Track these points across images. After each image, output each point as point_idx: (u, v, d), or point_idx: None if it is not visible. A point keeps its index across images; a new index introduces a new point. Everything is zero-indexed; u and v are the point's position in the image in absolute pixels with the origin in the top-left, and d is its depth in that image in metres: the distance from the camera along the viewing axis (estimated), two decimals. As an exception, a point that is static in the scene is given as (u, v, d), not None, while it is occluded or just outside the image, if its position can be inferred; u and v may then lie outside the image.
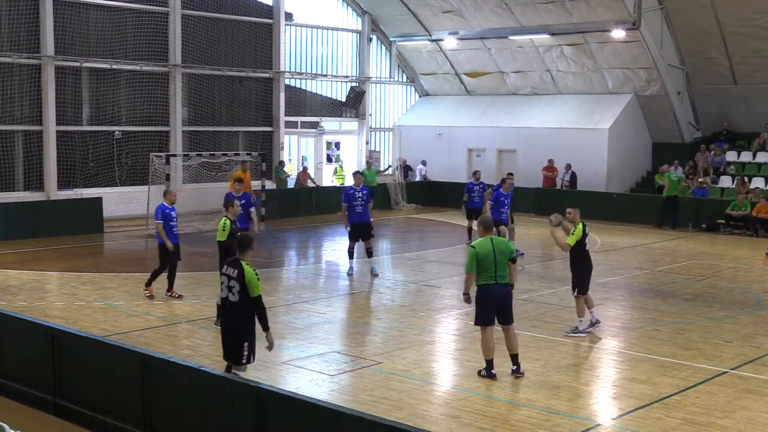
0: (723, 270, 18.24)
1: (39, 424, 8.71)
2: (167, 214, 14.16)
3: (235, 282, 8.44)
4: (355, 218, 16.85)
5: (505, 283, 10.15)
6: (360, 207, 16.84)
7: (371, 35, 33.23)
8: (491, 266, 9.99)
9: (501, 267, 10.07)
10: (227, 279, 8.54)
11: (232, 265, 8.56)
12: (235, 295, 8.47)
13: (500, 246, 10.15)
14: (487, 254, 10.00)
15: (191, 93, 27.43)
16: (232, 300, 8.51)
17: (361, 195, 16.89)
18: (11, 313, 10.39)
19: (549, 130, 29.70)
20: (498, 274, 10.04)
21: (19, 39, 23.24)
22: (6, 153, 23.30)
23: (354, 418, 6.48)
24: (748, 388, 9.99)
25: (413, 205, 30.40)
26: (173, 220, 14.21)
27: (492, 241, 10.12)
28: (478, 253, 10.02)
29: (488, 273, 10.01)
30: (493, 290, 10.04)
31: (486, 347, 10.16)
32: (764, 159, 27.85)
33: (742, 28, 26.24)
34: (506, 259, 10.12)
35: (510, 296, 10.28)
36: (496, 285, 10.05)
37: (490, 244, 10.09)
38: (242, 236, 9.05)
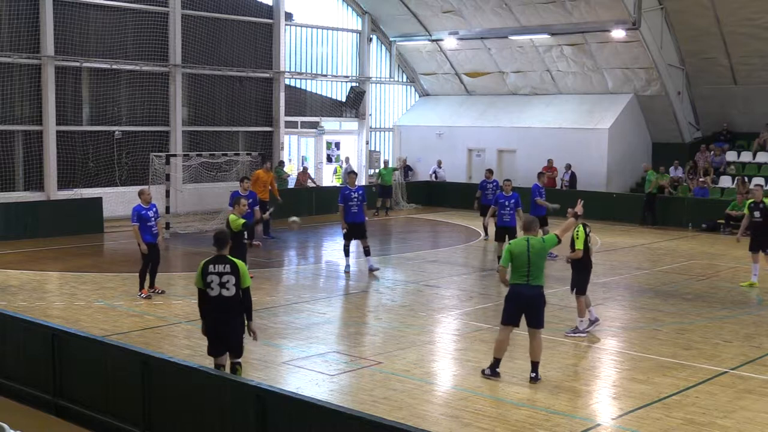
0: (723, 270, 18.24)
1: (39, 424, 8.71)
2: (143, 215, 14.18)
3: (229, 276, 8.59)
4: (350, 218, 16.96)
5: (537, 285, 9.95)
6: (356, 207, 16.94)
7: (371, 35, 33.23)
8: (524, 266, 9.87)
9: (535, 268, 9.90)
10: (218, 276, 8.61)
11: (219, 261, 8.68)
12: (230, 289, 8.61)
13: (536, 247, 9.96)
14: (520, 253, 9.89)
15: (191, 93, 27.44)
16: (226, 295, 8.62)
17: (357, 195, 16.98)
18: (11, 313, 10.39)
19: (549, 130, 29.70)
20: (531, 275, 9.89)
21: (19, 39, 23.24)
22: (6, 153, 23.31)
23: (354, 418, 6.48)
24: (748, 388, 9.99)
25: (413, 205, 30.40)
26: (150, 220, 14.22)
27: (528, 242, 9.98)
28: (512, 249, 9.95)
29: (520, 272, 9.90)
30: (522, 291, 9.92)
31: (498, 345, 10.09)
32: (764, 159, 27.86)
33: (742, 28, 26.24)
34: (541, 260, 9.97)
35: (542, 299, 10.05)
36: (526, 286, 9.91)
37: (526, 244, 9.96)
38: (220, 232, 9.18)
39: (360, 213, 16.99)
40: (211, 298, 8.68)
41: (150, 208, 14.35)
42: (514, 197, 17.66)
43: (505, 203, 17.62)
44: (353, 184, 17.37)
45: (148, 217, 14.21)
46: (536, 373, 10.00)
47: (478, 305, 14.58)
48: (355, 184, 17.45)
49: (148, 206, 14.35)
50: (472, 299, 15.07)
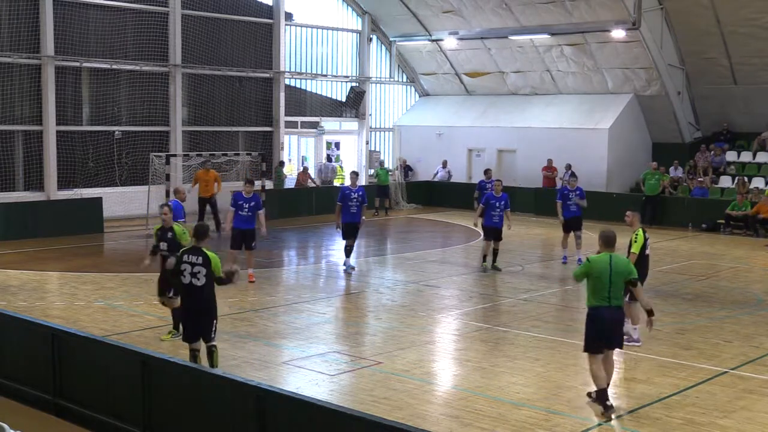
0: (723, 270, 18.24)
1: (39, 424, 8.71)
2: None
3: (200, 267, 9.19)
4: (348, 218, 16.91)
5: (618, 306, 9.08)
6: (354, 207, 16.86)
7: (371, 35, 33.23)
8: (605, 287, 8.94)
9: (615, 288, 8.98)
10: (191, 266, 9.21)
11: (194, 252, 9.28)
12: (200, 279, 9.20)
13: (619, 266, 9.02)
14: (601, 273, 8.95)
15: (191, 93, 27.43)
16: (197, 285, 9.22)
17: (357, 196, 16.88)
18: (11, 313, 10.39)
19: (549, 130, 29.70)
20: (612, 296, 8.98)
21: (19, 39, 23.24)
22: (6, 153, 23.30)
23: (354, 418, 6.48)
24: (748, 388, 9.99)
25: (413, 205, 30.41)
26: None
27: (611, 259, 9.01)
28: (591, 268, 9.00)
29: (601, 294, 8.97)
30: (603, 313, 8.99)
31: (596, 377, 9.06)
32: (764, 159, 27.86)
33: (742, 28, 26.23)
34: (622, 280, 9.04)
35: (622, 320, 9.32)
36: (607, 308, 8.99)
37: (608, 261, 8.99)
38: (200, 225, 9.65)
39: (358, 213, 16.93)
40: (184, 286, 9.30)
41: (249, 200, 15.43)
42: (504, 198, 17.49)
43: (495, 204, 17.44)
44: (354, 184, 17.30)
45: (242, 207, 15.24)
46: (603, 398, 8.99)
47: (478, 305, 14.58)
48: (356, 184, 17.36)
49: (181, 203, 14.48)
50: (472, 299, 15.07)
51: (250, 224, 15.83)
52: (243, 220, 15.77)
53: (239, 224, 15.76)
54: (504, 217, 17.48)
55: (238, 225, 15.76)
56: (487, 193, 18.21)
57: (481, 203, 17.89)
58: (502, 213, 17.40)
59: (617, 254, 9.19)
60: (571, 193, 18.86)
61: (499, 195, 17.51)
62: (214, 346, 9.57)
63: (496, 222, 17.40)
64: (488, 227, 17.51)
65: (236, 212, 15.69)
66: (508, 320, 13.38)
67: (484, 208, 17.61)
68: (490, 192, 17.93)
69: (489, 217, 17.46)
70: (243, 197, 15.82)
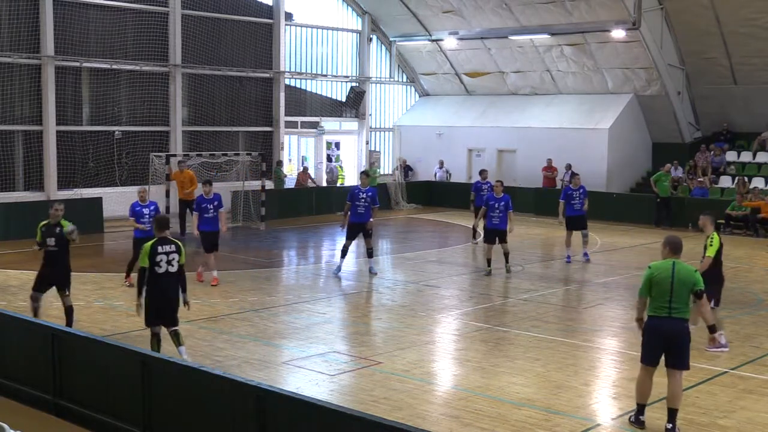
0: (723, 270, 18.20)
1: (39, 424, 8.71)
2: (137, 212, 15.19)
3: (174, 254, 10.11)
4: (355, 218, 16.75)
5: (681, 318, 8.43)
6: (362, 208, 16.68)
7: (371, 35, 33.24)
8: (665, 295, 8.39)
9: (678, 298, 8.39)
10: (166, 255, 10.05)
11: (165, 242, 10.13)
12: (174, 266, 10.12)
13: (682, 274, 8.43)
14: (663, 279, 8.41)
15: (191, 93, 27.44)
16: (171, 271, 10.11)
17: (365, 196, 16.71)
18: (11, 313, 10.39)
19: (549, 130, 29.70)
20: (673, 306, 8.38)
21: (19, 39, 23.25)
22: (6, 153, 23.31)
23: (354, 418, 6.48)
24: (748, 388, 9.99)
25: (413, 205, 30.41)
26: (143, 216, 15.05)
27: (674, 266, 8.46)
28: (653, 275, 8.48)
29: (660, 302, 8.43)
30: (662, 324, 8.44)
31: (640, 389, 8.63)
32: (764, 159, 27.86)
33: (742, 28, 26.24)
34: (687, 290, 8.43)
35: (687, 335, 8.51)
36: (668, 319, 8.41)
37: (671, 269, 8.44)
38: (161, 216, 10.74)
39: (366, 213, 16.71)
40: (159, 275, 10.04)
41: (147, 206, 15.17)
42: (505, 199, 17.29)
43: (495, 205, 17.23)
44: (365, 184, 17.04)
45: (142, 214, 15.06)
46: (673, 424, 8.41)
47: (478, 305, 14.58)
48: (367, 184, 17.08)
49: (145, 203, 15.22)
50: (472, 299, 15.07)
51: (215, 226, 15.83)
52: (207, 222, 15.77)
53: (206, 227, 15.76)
54: (507, 219, 17.22)
55: (204, 227, 15.77)
56: (487, 194, 18.12)
57: (482, 205, 17.76)
58: (503, 214, 17.18)
59: (682, 261, 8.62)
60: (574, 192, 18.93)
61: (499, 196, 17.35)
62: (177, 330, 10.39)
63: (497, 223, 17.20)
64: (489, 229, 17.36)
65: (201, 215, 15.71)
66: (508, 320, 13.38)
67: (485, 210, 17.48)
68: (490, 193, 17.79)
69: (489, 218, 17.31)
70: (205, 199, 15.81)
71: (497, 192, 17.48)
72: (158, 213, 15.00)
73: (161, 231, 10.26)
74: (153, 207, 15.23)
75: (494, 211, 17.24)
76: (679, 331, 8.45)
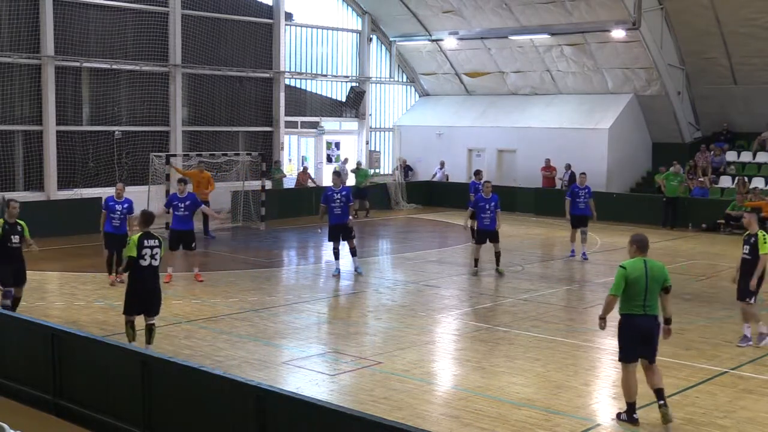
0: (723, 270, 18.22)
1: (39, 424, 8.71)
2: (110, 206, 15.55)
3: (158, 249, 10.57)
4: (333, 220, 16.66)
5: (654, 315, 8.71)
6: (339, 209, 16.57)
7: (371, 35, 33.23)
8: (641, 293, 8.59)
9: (652, 296, 8.63)
10: (150, 249, 10.47)
11: (149, 237, 10.55)
12: (157, 260, 10.60)
13: (654, 271, 8.66)
14: (637, 278, 8.58)
15: (191, 93, 27.43)
16: (154, 264, 10.56)
17: (340, 196, 16.60)
18: (11, 313, 10.39)
19: (549, 130, 29.70)
20: (647, 303, 8.62)
21: (19, 39, 23.23)
22: (6, 153, 23.30)
23: (354, 418, 6.48)
24: (748, 388, 9.99)
25: (413, 205, 30.40)
26: (115, 212, 15.43)
27: (646, 264, 8.68)
28: (627, 275, 8.59)
29: (635, 301, 8.62)
30: (638, 322, 8.64)
31: (626, 388, 8.78)
32: (764, 159, 27.86)
33: (742, 28, 26.24)
34: (659, 287, 8.69)
35: (657, 330, 8.80)
36: (643, 317, 8.64)
37: (643, 267, 8.66)
38: (146, 212, 11.12)
39: (343, 214, 16.61)
40: (142, 267, 10.44)
41: (121, 203, 15.49)
42: (494, 199, 17.15)
43: (485, 206, 17.07)
44: (337, 184, 16.95)
45: (114, 209, 15.42)
46: (664, 400, 8.71)
47: (478, 305, 14.59)
48: (339, 185, 16.98)
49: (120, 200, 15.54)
50: (472, 299, 15.07)
51: (187, 224, 15.91)
52: (179, 220, 15.88)
53: (176, 225, 15.91)
54: (496, 219, 17.10)
55: (175, 226, 15.92)
56: (477, 195, 17.86)
57: (470, 206, 17.65)
58: (494, 214, 17.06)
59: (652, 259, 8.84)
60: (581, 191, 19.10)
61: (488, 197, 17.18)
62: (154, 323, 10.81)
63: (488, 224, 17.08)
64: (480, 230, 17.28)
65: (173, 213, 15.86)
66: (508, 320, 13.38)
67: (473, 211, 17.37)
68: (479, 194, 17.59)
69: (480, 219, 17.20)
70: (178, 197, 15.94)
71: (486, 192, 17.29)
72: (131, 211, 15.42)
73: (146, 226, 10.70)
74: (126, 204, 15.52)
75: (485, 212, 17.10)
76: (653, 327, 8.74)
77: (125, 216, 15.40)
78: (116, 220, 15.33)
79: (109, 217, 15.38)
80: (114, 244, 15.24)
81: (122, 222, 15.43)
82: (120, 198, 15.50)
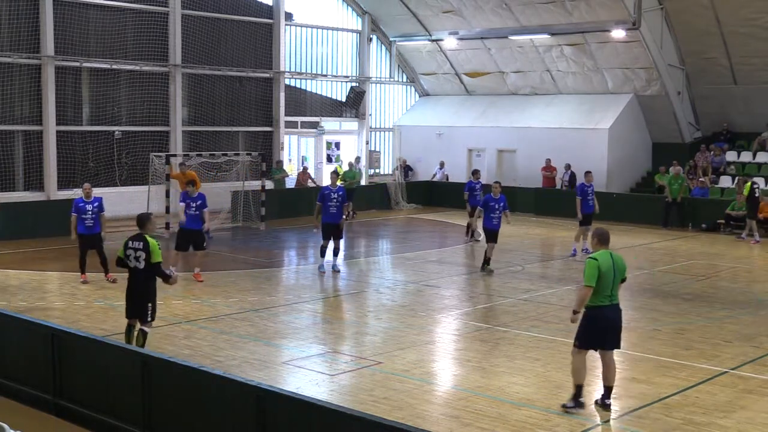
0: (723, 270, 18.24)
1: (39, 424, 8.71)
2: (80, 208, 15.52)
3: (141, 252, 10.26)
4: (328, 218, 16.87)
5: (618, 304, 9.01)
6: (334, 208, 16.80)
7: (371, 35, 33.23)
8: (609, 285, 8.84)
9: (616, 287, 8.95)
10: (134, 251, 10.30)
11: (136, 239, 10.38)
12: (141, 263, 10.26)
13: (619, 263, 8.98)
14: (608, 270, 8.84)
15: (191, 93, 27.43)
16: (139, 267, 10.28)
17: (337, 196, 16.83)
18: (11, 313, 10.39)
19: (549, 130, 29.70)
20: (613, 293, 8.91)
21: (19, 39, 23.24)
22: (6, 153, 23.30)
23: (354, 418, 6.48)
24: (748, 388, 9.99)
25: (413, 205, 30.40)
26: (86, 212, 15.46)
27: (612, 257, 8.95)
28: (600, 266, 8.80)
29: (605, 292, 8.84)
30: (607, 313, 8.92)
31: (576, 371, 9.07)
32: (764, 159, 27.86)
33: (742, 28, 26.24)
34: (621, 278, 9.02)
35: (621, 319, 9.11)
36: (610, 307, 8.91)
37: (611, 259, 8.91)
38: (142, 214, 10.84)
39: (338, 213, 16.89)
40: (130, 269, 10.39)
41: (91, 202, 15.59)
42: (503, 200, 17.33)
43: (495, 206, 17.23)
44: (334, 184, 17.22)
45: (85, 210, 15.47)
46: (609, 399, 9.07)
47: (478, 305, 14.59)
48: (336, 184, 17.29)
49: (89, 200, 15.60)
50: (472, 299, 15.07)
51: (197, 224, 15.97)
52: (191, 219, 15.93)
53: (187, 224, 15.92)
54: (503, 218, 17.39)
55: (185, 225, 15.93)
56: (485, 195, 18.05)
57: (479, 206, 17.76)
58: (501, 215, 17.28)
59: (614, 252, 9.15)
60: (588, 189, 19.32)
61: (497, 197, 17.36)
62: (146, 331, 10.40)
63: (495, 224, 17.28)
64: (488, 229, 17.38)
65: (185, 211, 15.93)
66: (508, 320, 13.38)
67: (481, 210, 17.49)
68: (489, 194, 17.69)
69: (488, 219, 17.31)
70: (188, 197, 15.99)
71: (495, 193, 17.45)
72: (102, 209, 15.64)
73: (139, 228, 10.53)
74: (97, 203, 15.65)
75: (494, 212, 17.27)
76: (618, 317, 9.08)
77: (97, 215, 15.57)
78: (89, 220, 15.48)
79: (80, 219, 15.47)
80: (88, 244, 15.53)
81: (95, 221, 15.58)
82: (89, 198, 15.62)
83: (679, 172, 25.91)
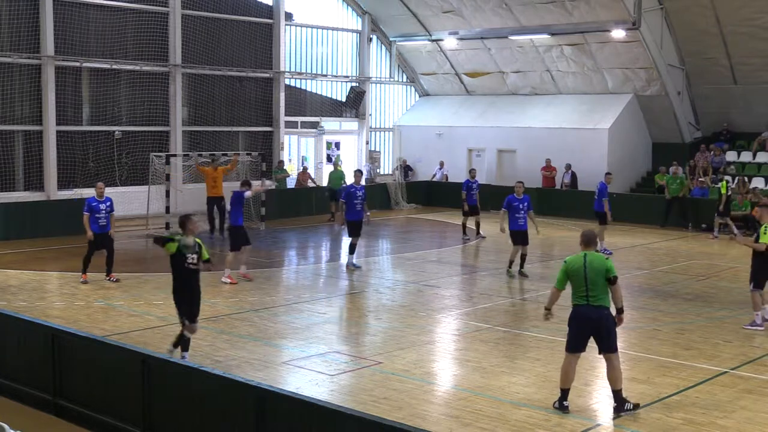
0: (723, 270, 18.24)
1: (39, 424, 8.71)
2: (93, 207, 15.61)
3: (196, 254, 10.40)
4: (354, 216, 17.37)
5: (600, 306, 8.99)
6: (359, 205, 17.36)
7: (371, 35, 33.23)
8: (581, 285, 9.03)
9: (594, 287, 8.97)
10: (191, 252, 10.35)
11: None
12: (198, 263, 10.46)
13: (594, 263, 9.03)
14: (577, 271, 9.04)
15: (191, 93, 27.43)
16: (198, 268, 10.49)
17: (361, 194, 17.42)
18: (11, 313, 10.39)
19: (549, 130, 29.70)
20: (590, 294, 8.98)
21: (19, 39, 23.22)
22: (6, 153, 23.29)
23: (354, 418, 6.49)
24: (748, 388, 9.99)
25: (413, 205, 30.40)
26: (100, 212, 15.58)
27: (585, 258, 9.08)
28: (567, 268, 9.15)
29: (579, 292, 9.07)
30: (582, 312, 9.05)
31: (563, 374, 9.15)
32: (764, 159, 27.86)
33: (742, 28, 26.24)
34: (601, 278, 8.98)
35: (609, 321, 9.04)
36: (586, 306, 9.02)
37: (582, 260, 9.07)
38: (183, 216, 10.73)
39: (362, 211, 17.45)
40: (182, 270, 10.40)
41: (104, 201, 15.67)
42: (526, 200, 17.08)
43: (519, 206, 16.94)
44: (359, 182, 17.77)
45: (99, 209, 15.56)
46: (619, 402, 9.03)
47: (478, 305, 14.58)
48: (360, 182, 17.88)
49: (102, 199, 15.70)
50: (472, 299, 15.07)
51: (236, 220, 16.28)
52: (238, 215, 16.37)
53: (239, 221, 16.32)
54: (529, 220, 16.96)
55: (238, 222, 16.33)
56: (509, 195, 17.39)
57: (503, 207, 17.25)
58: (526, 214, 16.96)
59: (593, 252, 9.24)
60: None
61: (521, 197, 17.08)
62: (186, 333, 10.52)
63: (522, 224, 16.92)
64: (514, 231, 17.01)
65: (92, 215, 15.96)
66: (508, 320, 13.38)
67: (506, 212, 17.13)
68: (512, 195, 17.26)
69: (514, 220, 16.96)
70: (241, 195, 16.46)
71: (518, 192, 17.17)
72: (113, 209, 15.79)
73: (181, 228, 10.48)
74: (109, 203, 15.77)
75: (518, 212, 16.94)
76: (600, 318, 9.02)
77: (109, 215, 15.68)
78: (102, 219, 15.57)
79: (94, 218, 15.52)
80: (100, 243, 15.60)
81: (108, 221, 15.68)
82: (101, 197, 15.71)
83: (678, 171, 25.92)
